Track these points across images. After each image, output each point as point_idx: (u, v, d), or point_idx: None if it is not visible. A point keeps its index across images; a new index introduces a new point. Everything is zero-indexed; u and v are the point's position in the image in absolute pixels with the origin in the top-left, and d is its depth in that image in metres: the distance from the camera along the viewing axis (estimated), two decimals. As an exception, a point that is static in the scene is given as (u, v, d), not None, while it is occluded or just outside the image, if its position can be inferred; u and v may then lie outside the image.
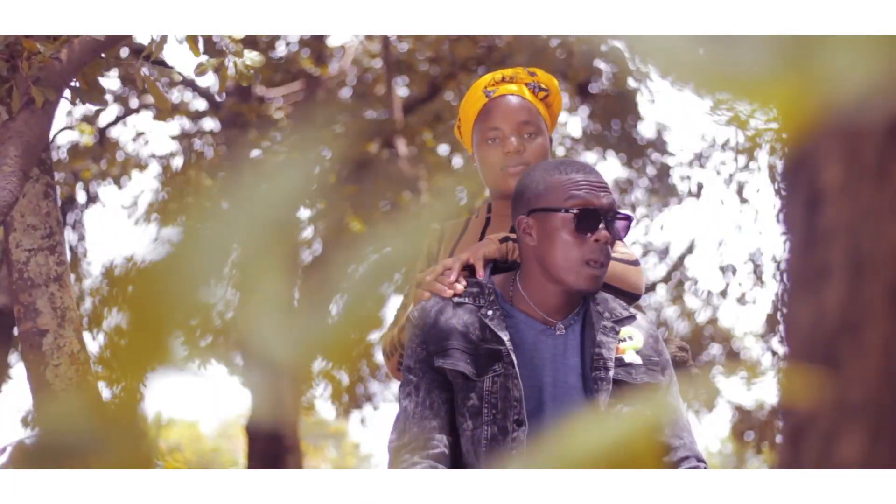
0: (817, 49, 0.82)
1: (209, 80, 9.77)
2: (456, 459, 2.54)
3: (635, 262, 2.78)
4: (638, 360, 2.56)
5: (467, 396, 2.51)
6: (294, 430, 10.53)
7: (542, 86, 2.91)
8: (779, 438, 1.01)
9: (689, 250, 11.65)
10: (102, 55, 2.90)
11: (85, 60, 2.76)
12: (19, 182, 2.67)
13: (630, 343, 2.57)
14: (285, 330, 0.59)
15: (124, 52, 7.59)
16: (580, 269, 2.52)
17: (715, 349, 12.69)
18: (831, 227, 0.95)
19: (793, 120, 0.78)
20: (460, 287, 2.62)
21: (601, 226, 2.52)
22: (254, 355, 0.58)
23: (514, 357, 2.50)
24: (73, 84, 2.82)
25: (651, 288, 12.01)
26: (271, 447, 10.24)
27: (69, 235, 10.16)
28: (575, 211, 2.54)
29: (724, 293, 11.81)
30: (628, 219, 2.58)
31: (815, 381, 0.92)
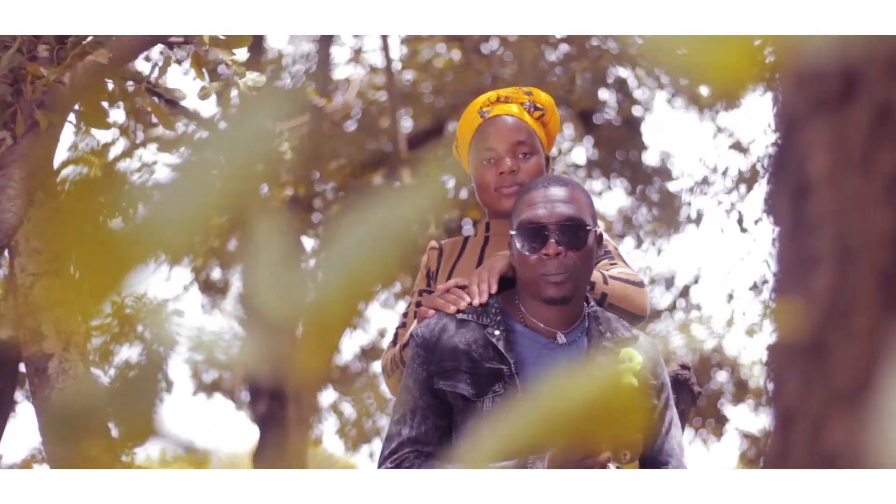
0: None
1: (213, 110, 9.80)
2: None
3: (640, 284, 2.78)
4: (634, 382, 2.56)
5: (466, 418, 2.51)
6: (301, 461, 10.51)
7: (538, 105, 2.91)
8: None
9: (695, 280, 11.64)
10: (107, 81, 2.93)
11: (89, 84, 2.79)
12: (23, 205, 2.69)
13: (629, 364, 2.57)
14: (279, 286, 0.60)
15: (130, 84, 7.62)
16: (539, 281, 2.54)
17: (722, 377, 12.66)
18: (819, 215, 0.96)
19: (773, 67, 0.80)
20: (464, 303, 2.62)
21: (551, 240, 2.54)
22: (252, 310, 0.60)
23: (517, 380, 2.49)
24: (76, 108, 2.84)
25: (657, 316, 12.00)
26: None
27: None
28: (514, 231, 2.59)
29: (729, 322, 11.80)
30: (583, 228, 2.58)
31: (797, 313, 0.93)
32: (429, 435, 2.52)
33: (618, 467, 2.46)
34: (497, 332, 2.55)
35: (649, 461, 2.56)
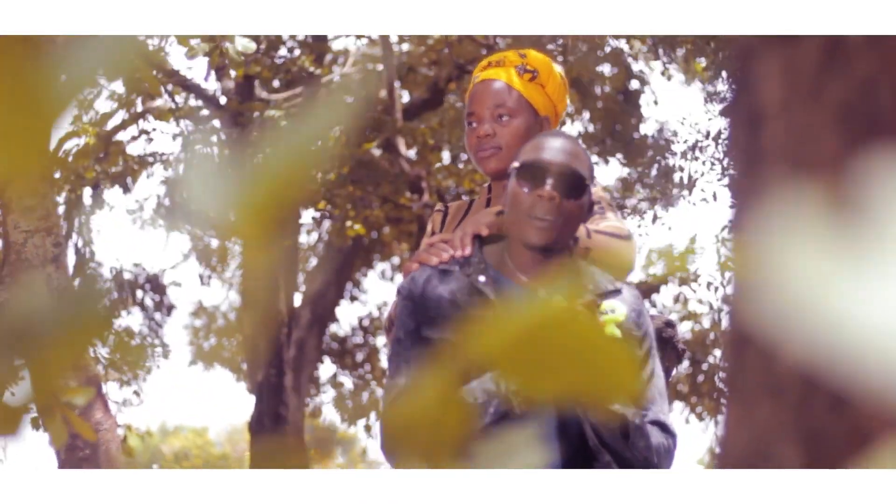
0: None
1: (211, 83, 9.81)
2: None
3: (627, 237, 2.80)
4: (617, 332, 2.59)
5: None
6: (298, 429, 10.55)
7: (529, 67, 2.94)
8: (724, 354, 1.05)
9: (692, 251, 11.65)
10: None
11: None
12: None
13: (611, 316, 2.60)
14: (212, 182, 0.63)
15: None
16: (526, 222, 2.57)
17: (719, 353, 12.68)
18: (771, 145, 0.99)
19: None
20: (446, 255, 2.67)
21: (548, 182, 2.57)
22: (185, 207, 0.62)
23: None
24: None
25: (655, 290, 12.03)
26: (275, 445, 10.26)
27: (76, 240, 10.19)
28: (517, 164, 2.62)
29: (726, 298, 11.80)
30: (580, 178, 2.61)
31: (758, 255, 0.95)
32: None
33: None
34: (482, 278, 2.59)
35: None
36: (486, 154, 2.87)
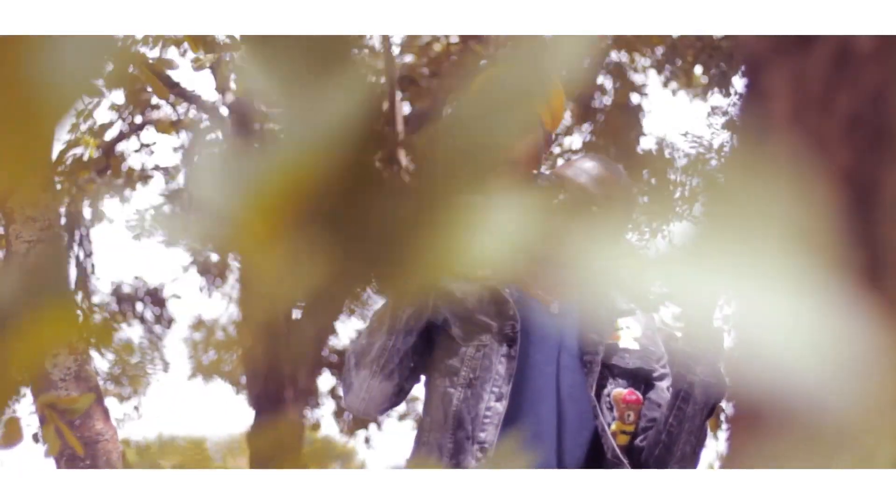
0: None
1: (212, 95, 9.80)
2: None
3: None
4: (635, 346, 2.59)
5: (448, 355, 2.51)
6: (296, 440, 10.52)
7: None
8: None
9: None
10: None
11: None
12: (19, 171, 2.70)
13: (627, 332, 2.60)
14: (219, 173, 0.62)
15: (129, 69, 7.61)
16: None
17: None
18: (780, 156, 0.99)
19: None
20: None
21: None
22: (195, 201, 0.62)
23: (518, 338, 2.51)
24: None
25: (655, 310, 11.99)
26: (274, 456, 10.24)
27: (77, 251, 10.18)
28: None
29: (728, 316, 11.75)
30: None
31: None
32: (394, 367, 2.50)
33: None
34: (508, 291, 2.58)
35: (652, 378, 2.59)
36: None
